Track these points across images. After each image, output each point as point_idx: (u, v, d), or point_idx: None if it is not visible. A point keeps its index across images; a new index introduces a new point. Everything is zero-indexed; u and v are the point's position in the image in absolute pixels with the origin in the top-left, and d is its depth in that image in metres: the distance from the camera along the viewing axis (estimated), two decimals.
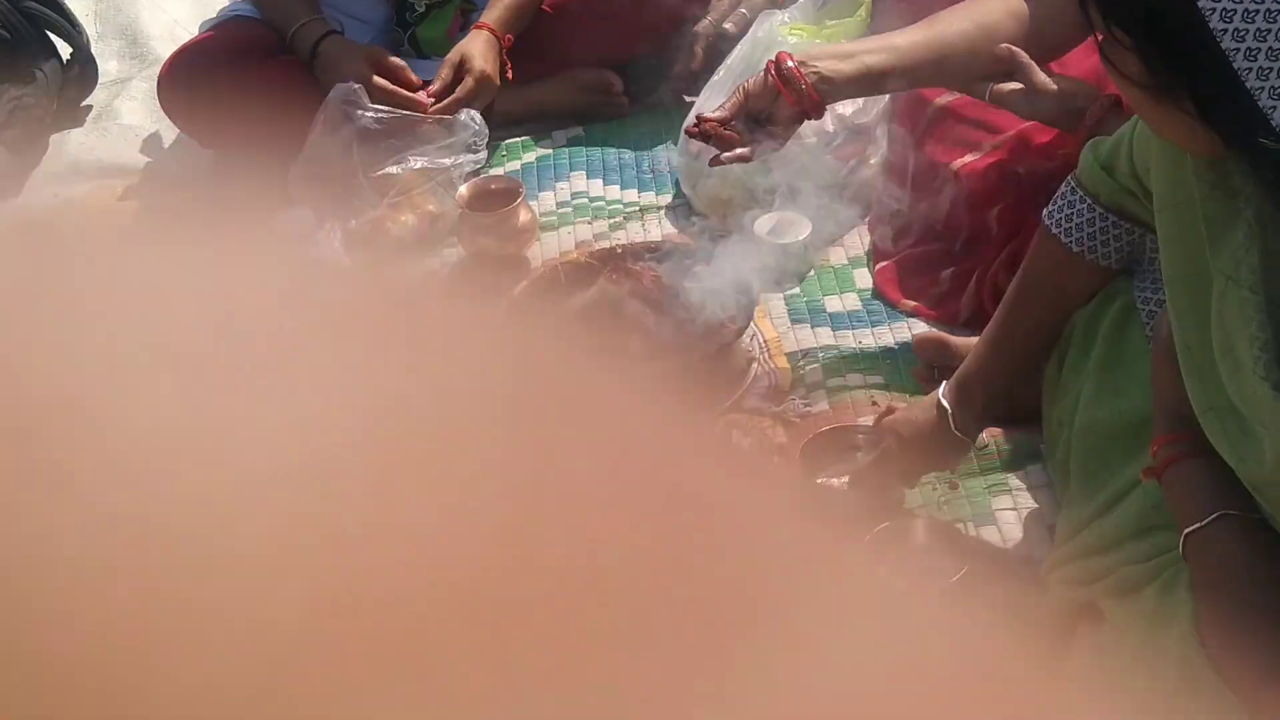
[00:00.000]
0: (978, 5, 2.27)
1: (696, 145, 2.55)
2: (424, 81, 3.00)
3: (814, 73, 2.20)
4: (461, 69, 2.98)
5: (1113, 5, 1.32)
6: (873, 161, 2.74)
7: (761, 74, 2.24)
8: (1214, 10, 1.24)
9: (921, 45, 2.23)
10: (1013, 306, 1.95)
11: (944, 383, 2.03)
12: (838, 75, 2.21)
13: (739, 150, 2.25)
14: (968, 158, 2.46)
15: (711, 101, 2.71)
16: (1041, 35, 2.20)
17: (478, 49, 3.00)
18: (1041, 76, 2.13)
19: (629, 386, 0.40)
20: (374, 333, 0.35)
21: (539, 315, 2.41)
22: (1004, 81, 2.19)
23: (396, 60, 2.99)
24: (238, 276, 0.35)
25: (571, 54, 3.20)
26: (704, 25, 3.02)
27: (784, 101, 2.21)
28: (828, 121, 2.62)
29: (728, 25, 3.02)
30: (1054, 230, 1.86)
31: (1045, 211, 1.90)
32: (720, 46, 2.95)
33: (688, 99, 3.03)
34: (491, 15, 3.06)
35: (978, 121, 2.47)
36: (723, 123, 2.25)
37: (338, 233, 2.83)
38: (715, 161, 2.27)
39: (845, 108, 2.68)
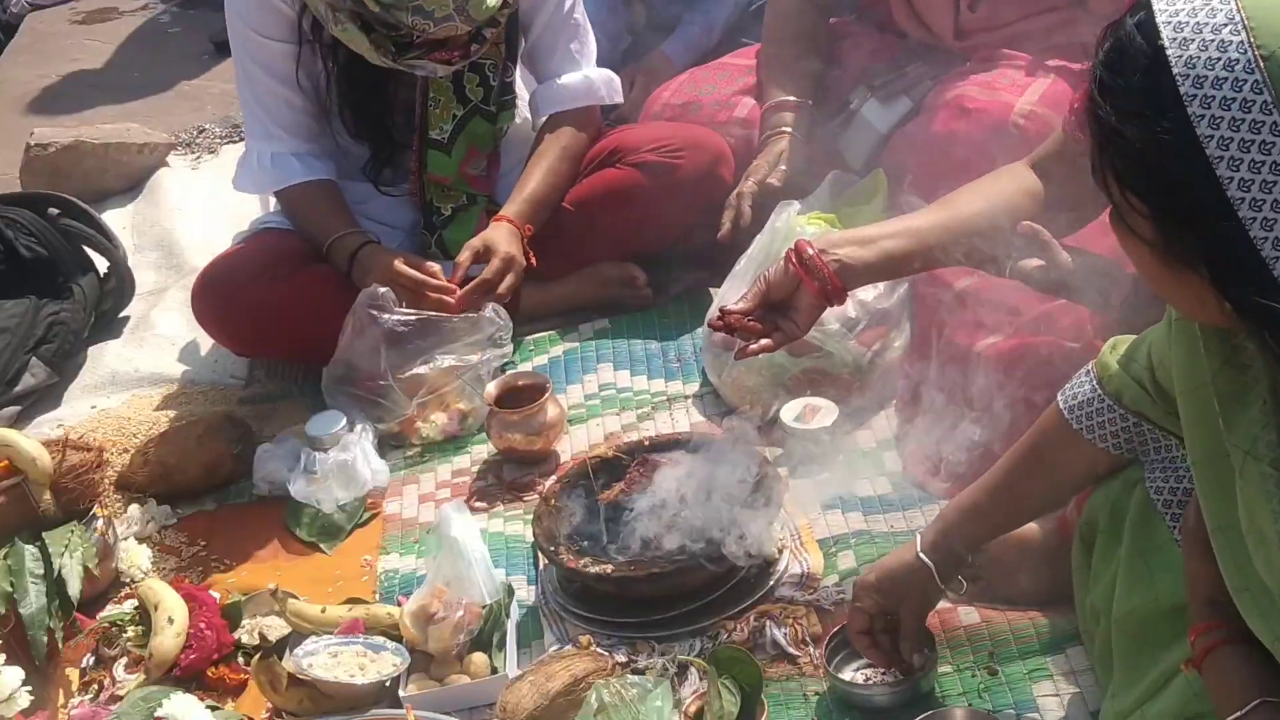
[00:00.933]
0: (993, 184, 2.29)
1: (720, 336, 2.57)
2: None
3: (835, 260, 2.21)
4: (485, 255, 3.03)
5: (1130, 173, 1.33)
6: (896, 345, 2.76)
7: (782, 263, 2.26)
8: (1232, 180, 1.25)
9: (939, 227, 2.24)
10: (1007, 473, 1.96)
11: (919, 536, 2.03)
12: (858, 262, 2.22)
13: (763, 341, 2.26)
14: (991, 339, 2.47)
15: (734, 291, 2.75)
16: (1059, 212, 2.22)
17: (500, 236, 3.06)
18: (1062, 254, 2.13)
19: None
20: None
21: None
22: (1024, 259, 2.21)
23: (421, 261, 3.05)
24: None
25: (594, 249, 3.26)
26: (748, 187, 3.05)
27: (806, 290, 2.22)
28: (850, 307, 2.64)
29: (773, 180, 3.05)
30: (1060, 405, 1.87)
31: (1060, 391, 1.90)
32: (767, 204, 2.97)
33: (710, 290, 3.07)
34: (511, 209, 3.13)
35: (999, 303, 2.48)
36: (745, 314, 2.27)
37: (370, 434, 2.85)
38: (741, 354, 2.28)
39: (867, 293, 2.71)
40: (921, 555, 2.01)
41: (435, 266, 3.03)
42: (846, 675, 2.13)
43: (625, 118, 3.58)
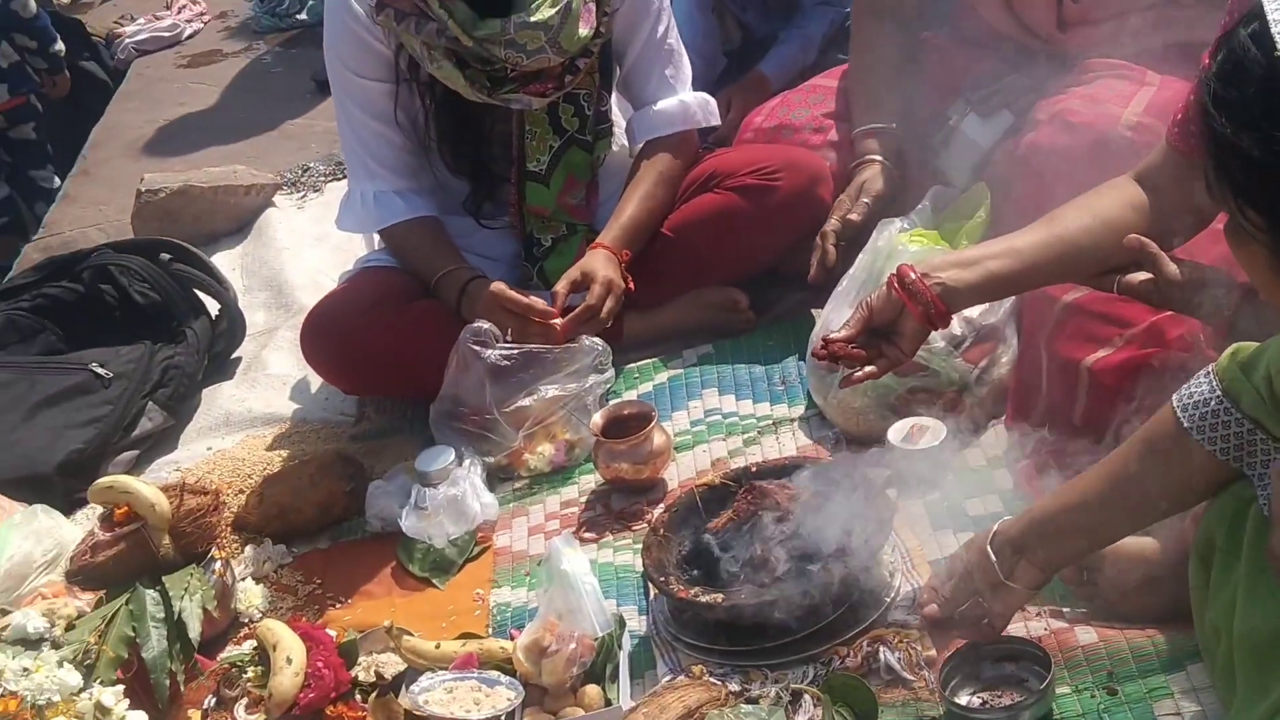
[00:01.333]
0: (1097, 199, 2.25)
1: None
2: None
3: (938, 283, 2.19)
4: (584, 282, 3.04)
5: (1248, 184, 1.31)
6: (1004, 361, 2.72)
7: (884, 288, 2.24)
8: None
9: (1043, 245, 2.21)
10: (1108, 474, 1.92)
11: (995, 531, 2.01)
12: (962, 284, 2.20)
13: (868, 369, 2.25)
14: (1100, 353, 2.42)
15: (837, 312, 2.73)
16: (1165, 224, 2.18)
17: (598, 262, 3.08)
18: (1171, 266, 2.10)
19: None
20: None
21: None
22: (1132, 273, 2.17)
23: (525, 293, 3.07)
24: None
25: (696, 274, 3.27)
26: (831, 225, 3.04)
27: (909, 314, 2.21)
28: (955, 324, 2.61)
29: (853, 216, 3.04)
30: (1174, 403, 1.83)
31: (1176, 392, 1.86)
32: (851, 241, 2.97)
33: (813, 311, 3.05)
34: (607, 235, 3.15)
35: (1107, 316, 2.43)
36: (849, 341, 2.26)
37: (479, 468, 2.87)
38: (846, 382, 2.27)
39: (972, 309, 2.67)
40: (989, 549, 2.00)
41: (538, 300, 3.05)
42: (962, 699, 2.10)
43: (724, 139, 3.57)
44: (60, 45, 5.85)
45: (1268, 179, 1.29)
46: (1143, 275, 2.15)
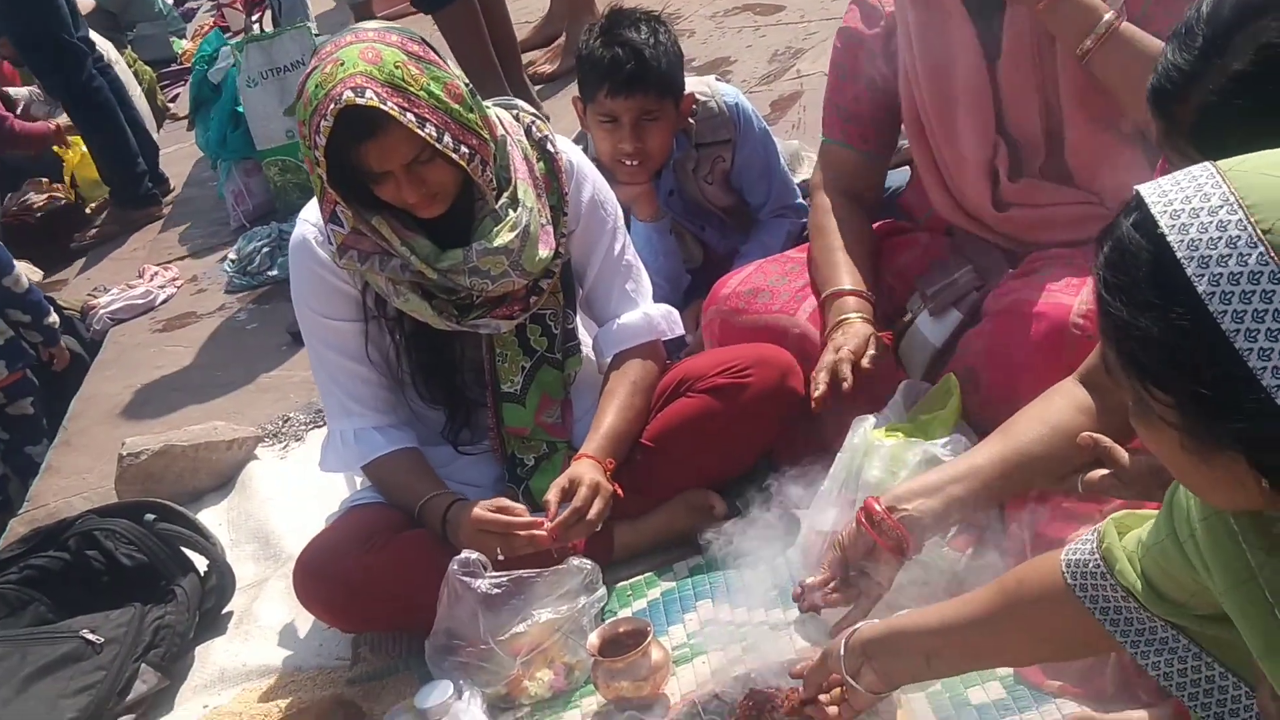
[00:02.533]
0: (1047, 407, 2.36)
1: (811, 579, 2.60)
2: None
3: (904, 514, 2.31)
4: (572, 489, 3.05)
5: (1150, 364, 1.35)
6: (990, 549, 2.74)
7: (854, 526, 2.35)
8: (1252, 351, 1.26)
9: (1000, 460, 2.32)
10: (973, 616, 2.01)
11: (857, 630, 2.11)
12: (927, 514, 2.34)
13: (851, 614, 2.35)
14: (1082, 531, 2.45)
15: (819, 513, 2.76)
16: (1113, 421, 2.27)
17: (583, 468, 3.10)
18: (1125, 457, 2.19)
19: None
20: None
21: None
22: (1091, 470, 2.25)
23: (510, 503, 3.08)
24: None
25: (677, 479, 3.30)
26: (843, 354, 3.02)
27: (880, 549, 2.31)
28: None
29: (865, 363, 3.01)
30: (1061, 559, 1.91)
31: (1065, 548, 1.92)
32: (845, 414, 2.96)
33: (796, 512, 3.07)
34: (590, 446, 3.18)
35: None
36: (825, 584, 2.34)
37: (479, 700, 2.85)
38: (837, 631, 2.35)
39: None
40: (842, 644, 2.11)
41: (520, 506, 3.07)
42: None
43: (701, 335, 3.61)
44: (54, 318, 5.93)
45: (1169, 355, 1.33)
46: (1102, 471, 2.24)
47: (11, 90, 8.50)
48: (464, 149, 2.94)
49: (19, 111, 8.31)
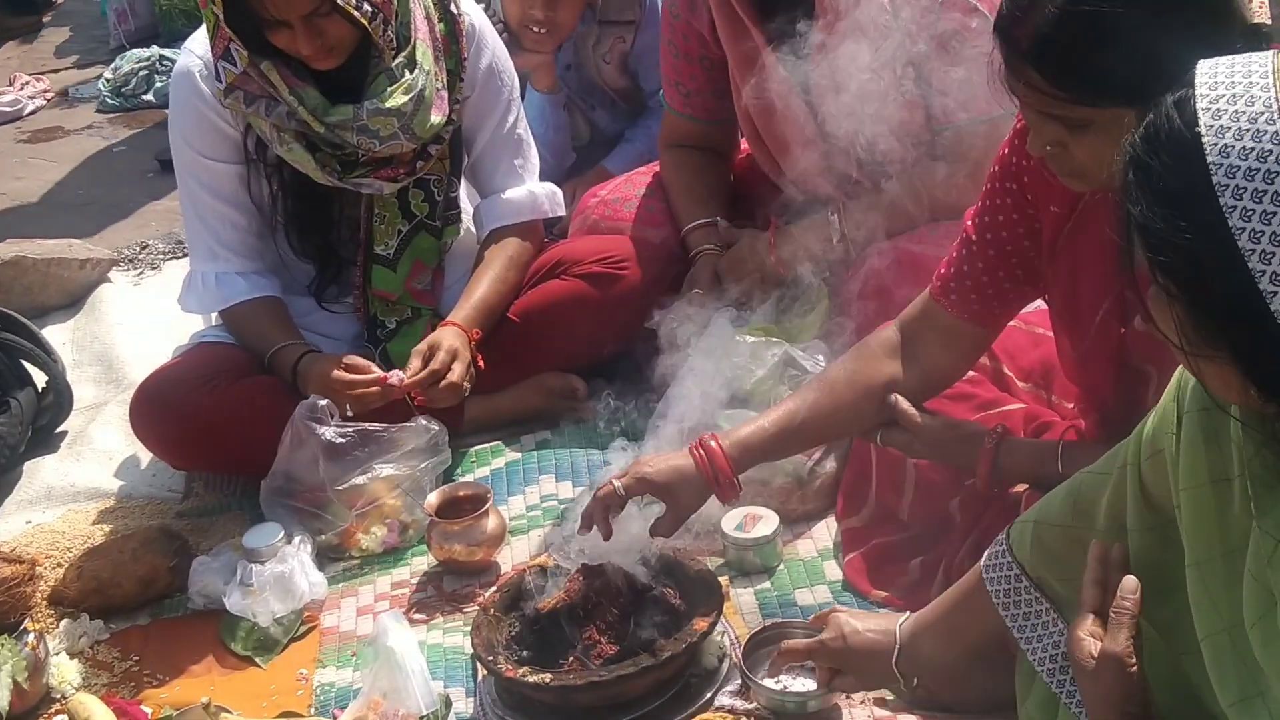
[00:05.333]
0: (860, 365, 2.40)
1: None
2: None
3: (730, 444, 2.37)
4: (432, 354, 3.01)
5: (1158, 253, 1.34)
6: (835, 455, 2.77)
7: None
8: (1264, 273, 1.26)
9: (811, 406, 2.38)
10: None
11: (907, 615, 2.10)
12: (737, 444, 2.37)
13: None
14: None
15: (674, 405, 2.74)
16: (913, 373, 2.36)
17: (446, 334, 3.05)
18: (918, 421, 2.32)
19: None
20: None
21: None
22: (892, 427, 2.37)
23: (362, 360, 3.02)
24: None
25: (538, 360, 3.27)
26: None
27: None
28: None
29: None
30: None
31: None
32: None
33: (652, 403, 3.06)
34: (458, 314, 3.13)
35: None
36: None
37: (308, 546, 2.82)
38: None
39: None
40: (899, 628, 2.09)
41: (372, 365, 3.02)
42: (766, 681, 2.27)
43: (568, 231, 3.60)
44: None
45: (1179, 252, 1.31)
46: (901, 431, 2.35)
47: None
48: (366, 6, 2.86)
49: None
